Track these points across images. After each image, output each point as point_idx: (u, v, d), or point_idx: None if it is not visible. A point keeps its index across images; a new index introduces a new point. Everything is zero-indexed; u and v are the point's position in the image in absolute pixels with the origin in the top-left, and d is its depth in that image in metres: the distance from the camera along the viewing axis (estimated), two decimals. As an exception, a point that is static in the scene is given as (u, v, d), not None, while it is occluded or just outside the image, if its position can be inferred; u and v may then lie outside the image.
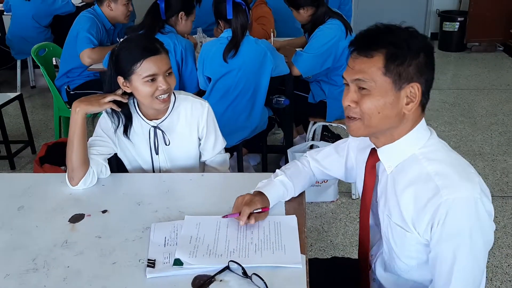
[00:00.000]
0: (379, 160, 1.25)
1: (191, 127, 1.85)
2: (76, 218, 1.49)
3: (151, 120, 1.80)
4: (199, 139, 1.90)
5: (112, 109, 1.73)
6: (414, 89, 1.13)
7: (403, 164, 1.19)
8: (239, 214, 1.39)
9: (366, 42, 1.15)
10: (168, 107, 1.80)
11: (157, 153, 1.85)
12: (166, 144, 1.83)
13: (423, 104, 1.17)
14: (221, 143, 1.96)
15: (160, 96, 1.68)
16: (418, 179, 1.15)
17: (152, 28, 2.73)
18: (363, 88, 1.14)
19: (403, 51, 1.11)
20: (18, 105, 3.73)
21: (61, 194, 1.64)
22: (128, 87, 1.69)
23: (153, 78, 1.65)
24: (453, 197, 1.08)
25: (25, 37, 4.77)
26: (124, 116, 1.77)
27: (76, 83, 3.47)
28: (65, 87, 3.49)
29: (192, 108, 1.84)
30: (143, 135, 1.82)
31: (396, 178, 1.20)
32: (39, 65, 3.47)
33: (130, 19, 3.58)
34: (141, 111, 1.80)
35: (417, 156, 1.17)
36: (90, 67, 3.20)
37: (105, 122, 1.79)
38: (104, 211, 1.53)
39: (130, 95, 1.74)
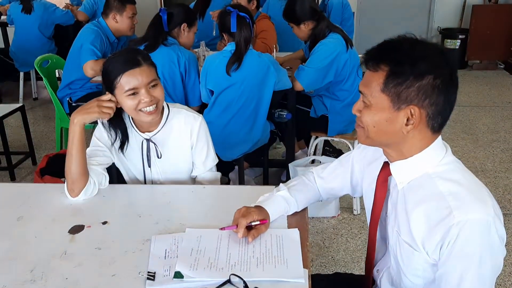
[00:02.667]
0: (391, 174, 1.23)
1: (184, 139, 1.82)
2: (76, 229, 1.47)
3: (144, 132, 1.78)
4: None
5: (109, 123, 1.72)
6: (413, 112, 1.09)
7: (415, 181, 1.17)
8: (237, 227, 1.38)
9: (373, 56, 1.13)
10: (161, 119, 1.77)
11: (149, 166, 1.84)
12: (158, 157, 1.81)
13: (432, 126, 1.12)
14: (212, 160, 1.90)
15: (144, 109, 1.65)
16: (430, 198, 1.12)
17: (155, 40, 2.74)
18: (365, 101, 1.15)
19: (405, 71, 1.07)
20: (20, 117, 3.72)
21: (61, 205, 1.62)
22: (116, 101, 1.66)
23: (134, 92, 1.62)
24: (466, 218, 1.06)
25: (29, 49, 4.80)
26: (121, 131, 1.75)
27: (78, 95, 3.47)
28: (67, 98, 3.49)
29: (185, 121, 1.81)
30: (137, 147, 1.81)
31: (407, 195, 1.19)
32: (42, 76, 3.48)
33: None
34: (134, 123, 1.78)
35: (430, 175, 1.15)
36: (92, 79, 3.20)
37: (100, 133, 1.78)
38: (104, 223, 1.51)
39: None
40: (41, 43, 4.82)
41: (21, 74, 5.11)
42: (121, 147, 1.78)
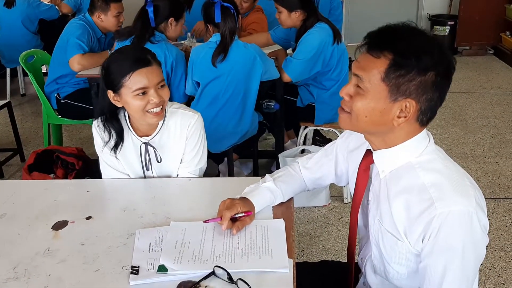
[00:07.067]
0: (373, 162, 1.22)
1: (181, 140, 1.77)
2: (60, 225, 1.46)
3: (141, 136, 1.74)
4: None
5: (104, 125, 1.69)
6: (409, 105, 1.07)
7: (398, 170, 1.16)
8: (221, 219, 1.37)
9: (378, 41, 1.08)
10: (160, 121, 1.72)
11: (148, 169, 1.79)
12: (158, 161, 1.76)
13: (421, 120, 1.11)
14: (198, 162, 1.81)
15: (152, 110, 1.61)
16: (412, 189, 1.12)
17: (142, 35, 2.69)
18: (359, 86, 1.10)
19: (410, 63, 1.03)
20: (7, 113, 3.69)
21: (45, 201, 1.60)
22: (118, 101, 1.62)
23: (144, 91, 1.58)
24: (448, 210, 1.05)
25: (14, 45, 4.73)
26: (116, 133, 1.70)
27: (67, 91, 3.43)
28: (55, 94, 3.45)
29: (181, 120, 1.75)
30: (134, 151, 1.76)
31: (389, 184, 1.18)
32: (28, 72, 3.44)
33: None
34: (132, 127, 1.73)
35: (413, 165, 1.14)
36: (78, 74, 3.16)
37: (100, 139, 1.74)
38: (88, 218, 1.50)
39: (122, 108, 1.70)
40: (26, 39, 4.76)
41: (8, 70, 5.05)
42: (115, 148, 1.72)
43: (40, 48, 4.61)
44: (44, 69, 3.99)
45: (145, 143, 1.74)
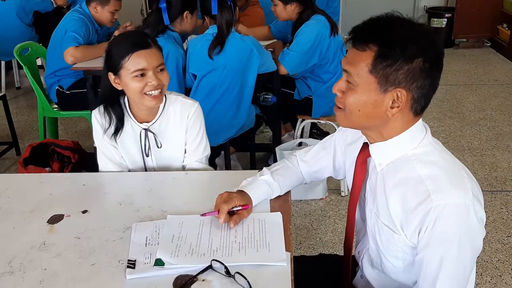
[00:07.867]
0: (370, 155, 1.21)
1: (181, 127, 1.78)
2: (55, 219, 1.45)
3: (141, 122, 1.75)
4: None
5: (105, 109, 1.70)
6: (400, 95, 1.07)
7: (394, 163, 1.16)
8: (218, 212, 1.36)
9: (362, 34, 1.08)
10: (160, 106, 1.73)
11: (147, 155, 1.80)
12: (158, 147, 1.77)
13: (415, 109, 1.10)
14: (203, 150, 1.84)
15: (149, 92, 1.63)
16: (408, 181, 1.11)
17: (152, 31, 2.62)
18: (349, 81, 1.10)
19: (395, 53, 1.03)
20: (2, 106, 3.66)
21: (40, 195, 1.59)
22: (118, 83, 1.65)
23: (142, 73, 1.60)
24: (444, 203, 1.04)
25: (9, 37, 4.69)
26: (116, 118, 1.71)
27: (69, 82, 3.37)
28: (56, 86, 3.41)
29: (181, 108, 1.78)
30: (133, 137, 1.77)
31: (386, 177, 1.17)
32: (22, 65, 3.41)
33: (114, 25, 3.51)
34: (132, 113, 1.74)
35: (410, 157, 1.13)
36: (73, 66, 3.13)
37: (99, 127, 1.74)
38: (84, 211, 1.48)
39: (122, 93, 1.71)
40: (21, 31, 4.71)
41: (3, 63, 5.01)
42: (115, 133, 1.73)
43: (34, 40, 4.57)
44: (39, 61, 3.95)
45: (145, 129, 1.75)
